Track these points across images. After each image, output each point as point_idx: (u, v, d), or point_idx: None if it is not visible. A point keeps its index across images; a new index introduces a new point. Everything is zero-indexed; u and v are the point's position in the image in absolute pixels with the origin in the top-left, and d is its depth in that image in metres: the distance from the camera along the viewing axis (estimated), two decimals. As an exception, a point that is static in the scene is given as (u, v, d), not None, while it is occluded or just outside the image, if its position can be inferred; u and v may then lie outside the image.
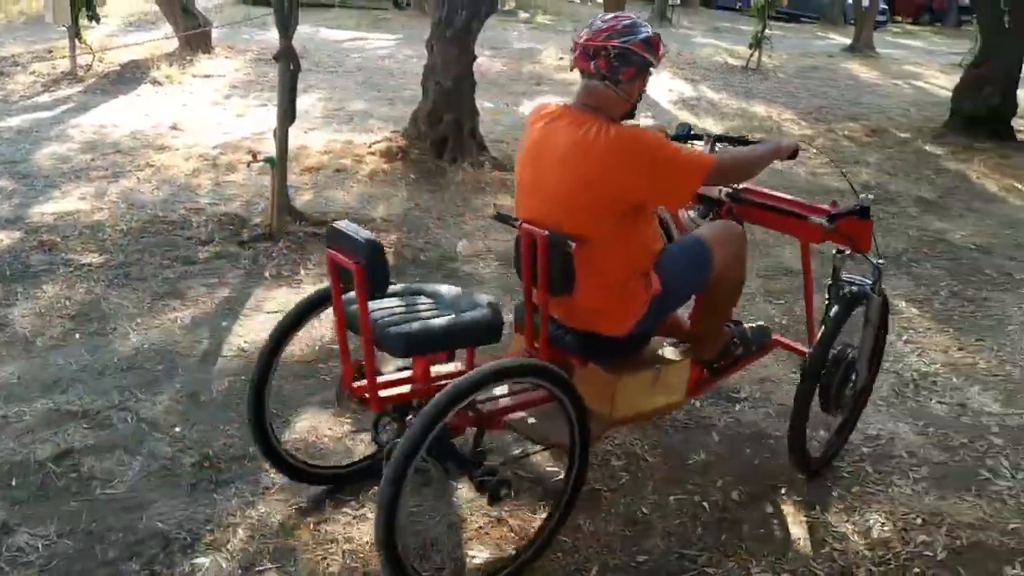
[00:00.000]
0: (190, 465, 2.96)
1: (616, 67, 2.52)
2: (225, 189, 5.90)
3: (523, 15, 20.62)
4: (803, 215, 2.93)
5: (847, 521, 2.90)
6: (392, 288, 2.58)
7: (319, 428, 3.24)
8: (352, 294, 2.42)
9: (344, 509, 2.80)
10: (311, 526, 2.71)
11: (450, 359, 2.80)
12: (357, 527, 2.72)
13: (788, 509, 2.96)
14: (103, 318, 4.00)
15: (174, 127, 7.52)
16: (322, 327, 4.04)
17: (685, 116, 10.07)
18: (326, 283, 4.46)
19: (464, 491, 2.89)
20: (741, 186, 3.13)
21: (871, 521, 2.90)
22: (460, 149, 6.67)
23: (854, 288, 3.06)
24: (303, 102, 8.84)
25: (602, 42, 2.51)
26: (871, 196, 3.30)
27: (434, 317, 2.51)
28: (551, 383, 2.45)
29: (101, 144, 6.84)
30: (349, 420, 3.30)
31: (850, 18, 23.05)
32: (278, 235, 4.95)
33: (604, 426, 2.77)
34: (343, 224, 2.41)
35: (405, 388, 2.60)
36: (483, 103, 9.46)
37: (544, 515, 2.69)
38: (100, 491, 2.80)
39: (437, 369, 2.70)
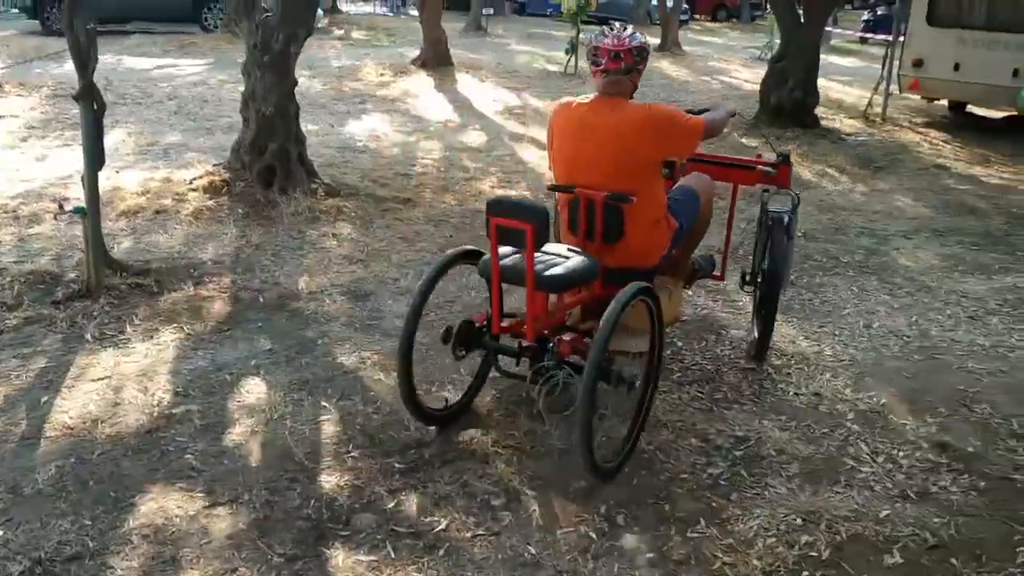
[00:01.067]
0: (19, 574, 2.58)
1: (638, 60, 3.44)
2: (30, 244, 5.32)
3: (338, 32, 20.19)
4: (752, 166, 4.08)
5: (732, 531, 2.88)
6: (503, 250, 3.25)
7: (168, 508, 2.92)
8: None
9: (207, 600, 2.52)
10: (171, 626, 2.42)
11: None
12: (224, 618, 2.45)
13: (674, 527, 2.91)
14: None
15: (-38, 177, 6.77)
16: (158, 391, 3.69)
17: (513, 125, 10.11)
18: (177, 333, 4.11)
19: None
20: None
21: (754, 528, 2.89)
22: (289, 178, 6.34)
23: (780, 214, 3.97)
24: (111, 139, 8.24)
25: (627, 45, 3.40)
26: (789, 148, 4.18)
27: (559, 265, 3.24)
28: (652, 301, 3.20)
29: None
30: (202, 494, 3.00)
31: (655, 18, 24.02)
32: (97, 291, 4.50)
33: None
34: (502, 196, 3.22)
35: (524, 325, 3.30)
36: (307, 126, 9.18)
37: (630, 419, 3.31)
38: (-91, 622, 2.39)
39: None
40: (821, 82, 11.06)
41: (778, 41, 12.32)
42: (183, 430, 3.41)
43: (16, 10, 18.66)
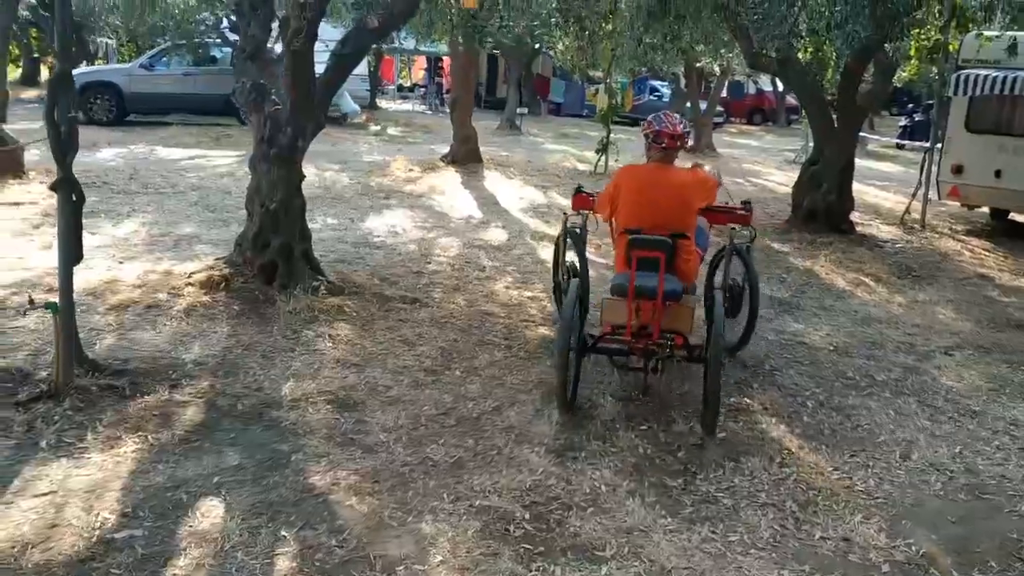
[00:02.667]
0: None
1: (686, 140, 4.79)
2: (11, 337, 5.05)
3: (374, 128, 20.43)
4: (733, 210, 5.34)
5: None
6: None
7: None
8: None
9: None
10: None
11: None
12: None
13: None
14: None
15: (-35, 264, 6.59)
16: (104, 510, 3.31)
17: (536, 224, 9.88)
18: (141, 443, 3.59)
19: None
20: None
21: None
22: (291, 275, 6.06)
23: (744, 244, 5.35)
24: (125, 228, 8.16)
25: (682, 130, 4.72)
26: (750, 200, 5.49)
27: (669, 282, 4.32)
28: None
29: None
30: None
31: (690, 120, 24.11)
32: (63, 393, 4.18)
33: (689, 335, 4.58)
34: (640, 235, 4.38)
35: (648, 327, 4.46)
36: (327, 220, 9.01)
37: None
38: None
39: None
40: (857, 187, 10.74)
41: (812, 145, 12.09)
42: (121, 560, 3.03)
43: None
